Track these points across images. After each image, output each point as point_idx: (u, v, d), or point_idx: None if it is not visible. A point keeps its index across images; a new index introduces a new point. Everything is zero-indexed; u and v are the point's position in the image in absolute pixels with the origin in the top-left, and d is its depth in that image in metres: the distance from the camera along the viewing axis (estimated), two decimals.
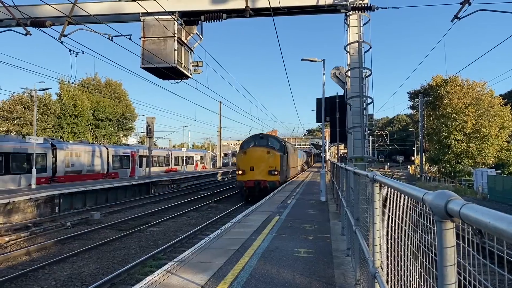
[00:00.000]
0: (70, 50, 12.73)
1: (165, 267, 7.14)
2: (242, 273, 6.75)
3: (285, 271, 6.92)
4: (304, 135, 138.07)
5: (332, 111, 16.73)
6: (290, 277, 6.55)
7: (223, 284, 6.17)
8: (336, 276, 6.64)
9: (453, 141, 46.88)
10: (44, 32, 12.19)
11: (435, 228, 1.80)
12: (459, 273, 1.66)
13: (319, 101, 19.21)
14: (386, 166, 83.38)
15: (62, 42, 11.85)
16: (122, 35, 12.17)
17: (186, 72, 14.37)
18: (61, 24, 12.59)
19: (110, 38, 11.93)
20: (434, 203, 1.60)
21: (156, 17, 12.84)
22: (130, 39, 12.26)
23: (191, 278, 6.49)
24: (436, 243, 1.71)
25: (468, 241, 1.55)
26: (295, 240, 9.54)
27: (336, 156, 43.86)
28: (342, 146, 30.63)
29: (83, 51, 12.97)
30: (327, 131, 30.80)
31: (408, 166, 76.20)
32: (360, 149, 11.77)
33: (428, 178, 48.06)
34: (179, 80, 15.09)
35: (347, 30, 12.84)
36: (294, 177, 38.51)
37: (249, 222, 12.04)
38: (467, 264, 1.64)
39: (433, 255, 1.97)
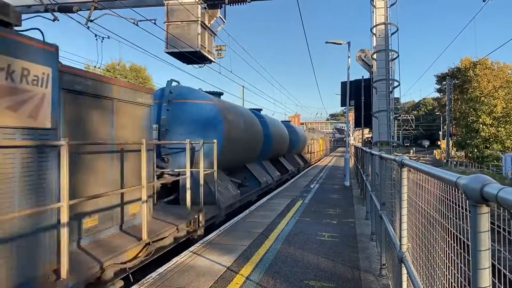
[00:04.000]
0: (96, 35, 12.87)
1: (191, 248, 7.29)
2: (267, 255, 6.83)
3: (309, 254, 6.96)
4: (328, 119, 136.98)
5: (357, 95, 16.51)
6: (314, 260, 6.59)
7: (249, 266, 6.26)
8: (361, 260, 6.64)
9: (481, 125, 45.65)
10: (71, 18, 12.37)
11: (467, 213, 1.78)
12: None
13: (343, 84, 18.97)
14: (412, 151, 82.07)
15: (88, 28, 11.99)
16: (147, 20, 12.23)
17: (209, 56, 14.38)
18: (87, 9, 12.73)
19: (136, 23, 12.01)
20: (469, 187, 1.59)
21: (180, 0, 12.84)
22: (155, 23, 12.31)
23: (216, 259, 6.61)
24: (469, 228, 1.70)
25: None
26: (319, 224, 9.56)
27: (360, 140, 43.32)
28: (366, 131, 30.25)
29: (108, 36, 13.09)
30: (351, 115, 30.47)
31: (434, 151, 74.74)
32: (385, 134, 11.61)
33: (454, 163, 47.11)
34: (203, 65, 15.12)
35: (373, 12, 12.56)
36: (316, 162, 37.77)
37: (272, 206, 12.12)
38: (501, 249, 1.62)
39: (465, 240, 1.96)
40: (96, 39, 13.12)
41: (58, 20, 12.34)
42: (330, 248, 7.40)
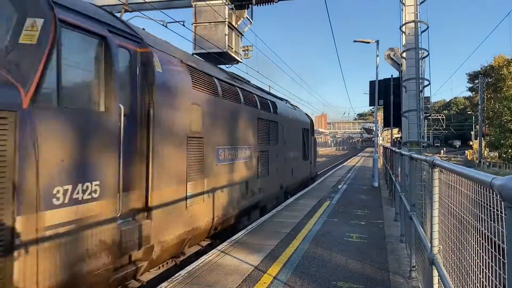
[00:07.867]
0: None
1: (219, 247, 7.36)
2: (294, 255, 6.82)
3: (337, 255, 6.92)
4: (355, 119, 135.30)
5: (386, 94, 16.24)
6: (342, 261, 6.55)
7: (276, 266, 6.27)
8: (390, 262, 6.55)
9: None
10: None
11: (503, 215, 1.75)
12: None
13: (372, 83, 18.71)
14: (442, 151, 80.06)
15: None
16: (176, 21, 12.42)
17: (236, 57, 14.46)
18: (118, 12, 13.02)
19: (165, 24, 12.21)
20: (505, 188, 1.55)
21: (207, 2, 12.97)
22: (183, 25, 12.50)
23: (244, 258, 6.66)
24: (505, 230, 1.66)
25: None
26: (347, 225, 9.47)
27: (388, 140, 42.54)
28: (395, 131, 29.71)
29: None
30: (380, 115, 29.99)
31: (466, 151, 72.63)
32: (415, 134, 11.40)
33: (487, 164, 45.66)
34: (230, 65, 15.22)
35: (402, 10, 12.36)
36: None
37: (299, 206, 12.08)
38: None
39: (500, 242, 1.92)
40: None
41: None
42: (359, 249, 7.33)
